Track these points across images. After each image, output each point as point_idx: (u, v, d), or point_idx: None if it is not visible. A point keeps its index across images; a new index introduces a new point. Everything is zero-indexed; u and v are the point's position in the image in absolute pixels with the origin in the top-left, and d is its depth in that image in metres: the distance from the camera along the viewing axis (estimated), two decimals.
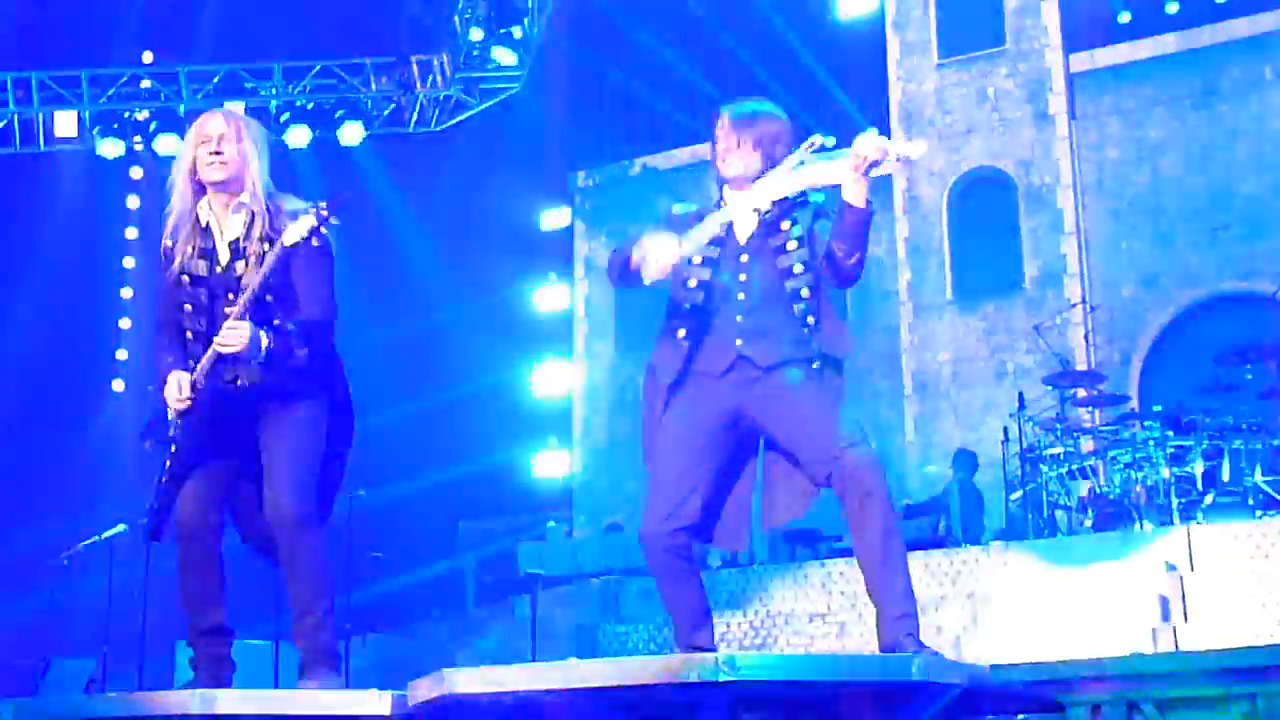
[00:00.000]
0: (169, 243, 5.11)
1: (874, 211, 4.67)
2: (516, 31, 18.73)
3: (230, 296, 4.96)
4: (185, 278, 5.03)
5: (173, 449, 5.04)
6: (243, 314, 4.83)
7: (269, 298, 4.91)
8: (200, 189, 5.10)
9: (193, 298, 5.03)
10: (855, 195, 4.61)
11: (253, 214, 4.99)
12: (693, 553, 4.86)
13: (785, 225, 4.82)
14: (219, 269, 5.01)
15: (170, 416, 5.06)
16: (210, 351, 4.90)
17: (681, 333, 4.83)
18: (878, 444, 4.74)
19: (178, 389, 4.97)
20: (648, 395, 4.93)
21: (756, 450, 4.91)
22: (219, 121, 5.10)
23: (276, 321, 4.91)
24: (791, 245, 4.79)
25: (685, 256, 4.76)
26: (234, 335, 4.81)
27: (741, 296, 4.78)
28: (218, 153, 5.02)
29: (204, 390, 4.96)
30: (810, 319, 4.75)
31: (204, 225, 5.07)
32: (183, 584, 5.17)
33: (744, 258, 4.82)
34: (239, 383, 4.99)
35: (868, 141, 4.57)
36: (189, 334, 5.06)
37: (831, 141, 4.74)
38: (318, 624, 4.96)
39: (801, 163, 4.74)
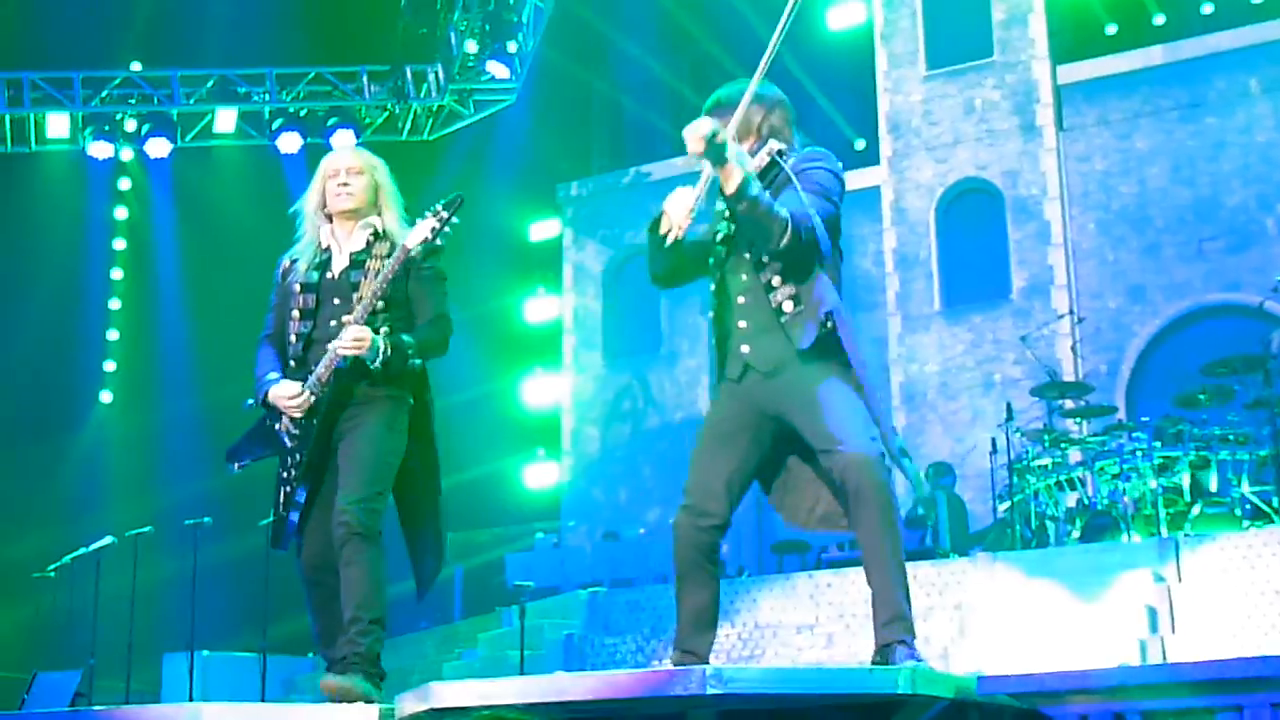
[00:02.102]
0: (288, 263, 5.37)
1: (747, 189, 4.57)
2: (510, 46, 18.74)
3: (336, 302, 5.16)
4: (298, 286, 5.26)
5: (294, 455, 5.14)
6: (361, 317, 5.03)
7: (382, 305, 5.10)
8: (328, 221, 5.37)
9: (302, 303, 5.23)
10: (727, 184, 4.60)
11: (377, 231, 5.25)
12: (718, 556, 4.88)
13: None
14: (331, 276, 5.23)
15: (281, 426, 5.19)
16: (329, 355, 5.06)
17: (714, 341, 4.96)
18: (878, 444, 4.73)
19: (294, 391, 5.12)
20: (712, 404, 5.04)
21: (795, 440, 4.90)
22: (347, 157, 5.41)
23: (389, 330, 5.08)
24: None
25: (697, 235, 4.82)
26: (354, 336, 5.00)
27: (740, 300, 4.82)
28: (345, 184, 5.31)
29: (322, 398, 5.09)
30: (788, 305, 4.75)
31: (324, 246, 5.32)
32: (315, 621, 5.25)
33: (732, 259, 4.88)
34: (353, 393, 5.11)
35: (688, 134, 4.57)
36: (293, 336, 5.25)
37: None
38: (364, 630, 5.01)
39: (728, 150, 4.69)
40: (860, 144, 22.53)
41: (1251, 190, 19.83)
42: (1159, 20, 21.13)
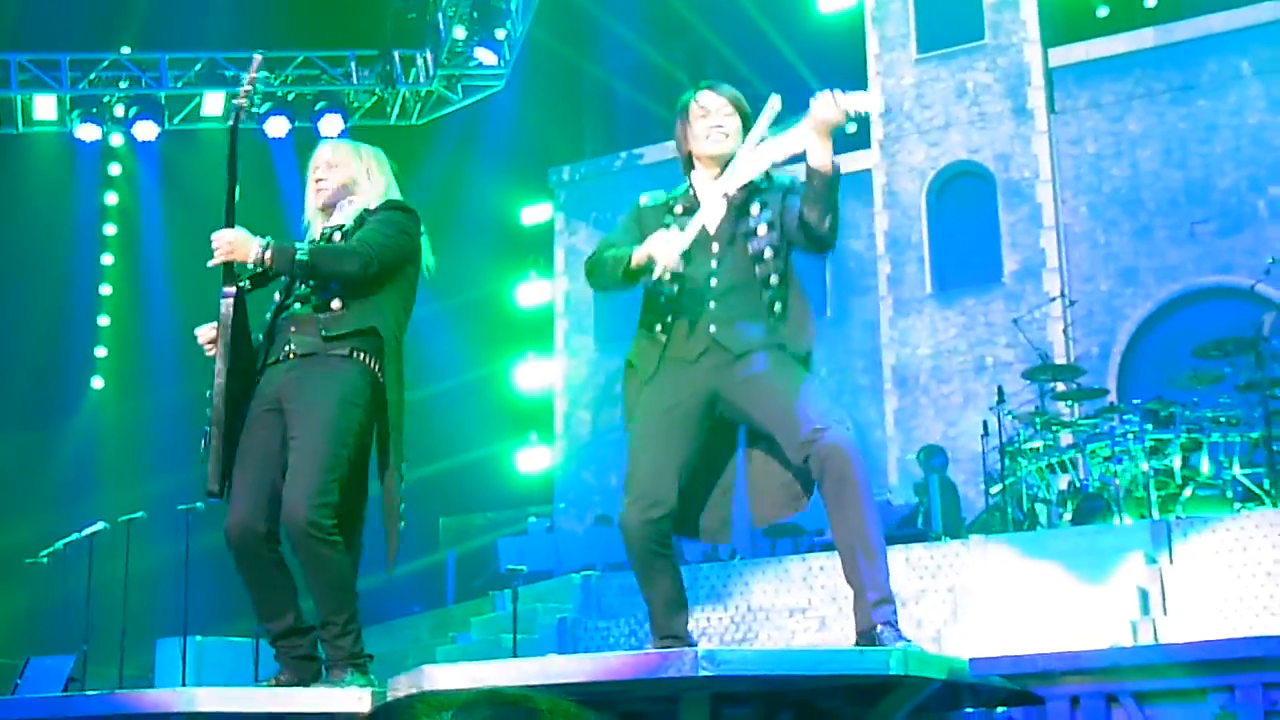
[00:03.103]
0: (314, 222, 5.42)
1: (840, 173, 4.65)
2: (499, 33, 18.71)
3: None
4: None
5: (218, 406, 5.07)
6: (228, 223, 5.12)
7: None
8: (321, 214, 5.39)
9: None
10: (820, 159, 4.60)
11: (366, 210, 5.22)
12: (671, 541, 4.86)
13: (754, 209, 4.82)
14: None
15: (212, 391, 5.10)
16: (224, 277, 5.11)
17: (659, 328, 4.83)
18: (857, 438, 4.71)
19: (208, 334, 5.18)
20: (630, 393, 4.92)
21: (738, 439, 4.91)
22: (324, 151, 5.41)
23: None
24: (761, 229, 4.79)
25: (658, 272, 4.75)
26: (216, 240, 5.12)
27: (714, 283, 4.78)
28: (320, 179, 5.32)
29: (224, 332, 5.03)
30: (777, 306, 4.76)
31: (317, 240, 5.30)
32: (251, 593, 5.03)
33: (715, 246, 4.82)
34: (289, 353, 5.02)
35: (825, 103, 4.57)
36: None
37: (778, 103, 4.74)
38: (340, 633, 4.91)
39: (762, 139, 4.73)
40: (851, 127, 22.44)
41: (1243, 172, 19.85)
42: (1150, 2, 21.15)
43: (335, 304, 5.00)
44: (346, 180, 5.29)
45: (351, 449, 4.91)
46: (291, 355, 5.01)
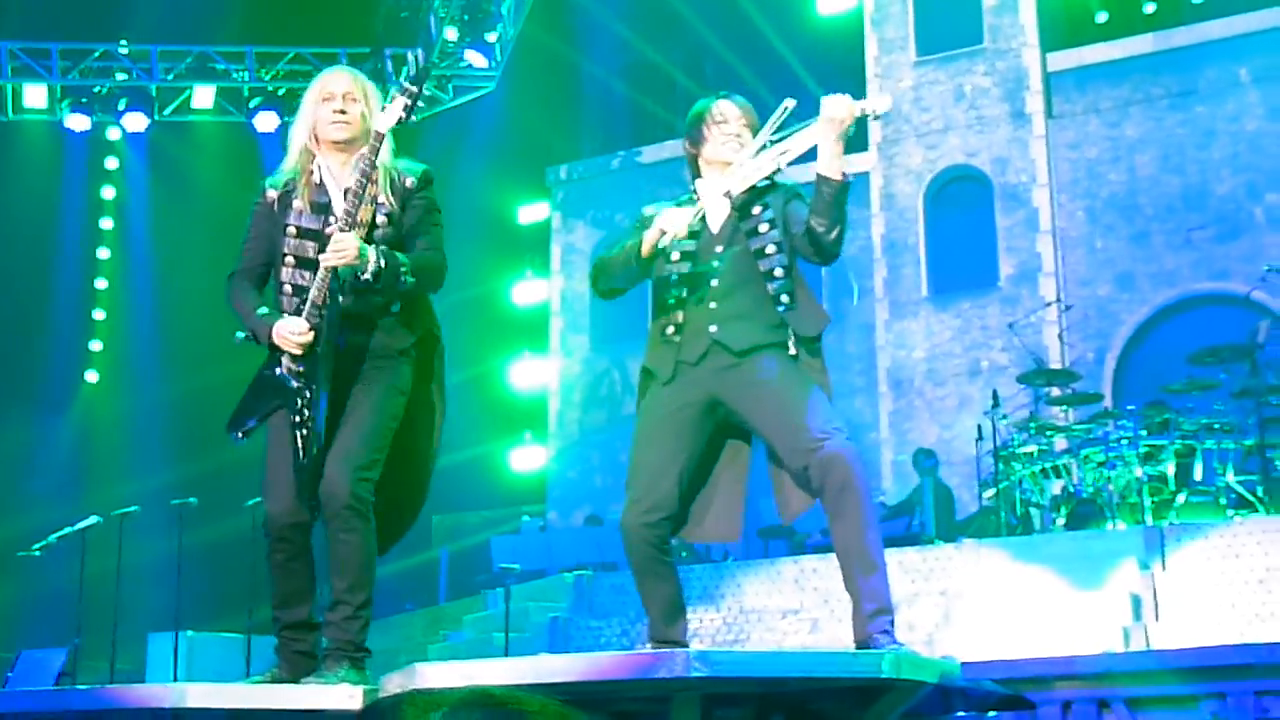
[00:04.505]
0: (273, 194, 5.00)
1: (851, 182, 4.66)
2: (490, 36, 18.72)
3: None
4: (293, 229, 4.93)
5: (303, 395, 4.87)
6: (345, 225, 4.76)
7: (383, 220, 4.85)
8: (316, 148, 5.02)
9: (299, 250, 4.93)
10: (831, 167, 4.60)
11: (370, 164, 4.86)
12: (670, 545, 4.86)
13: (757, 209, 4.83)
14: (332, 219, 4.90)
15: (283, 368, 4.91)
16: (320, 272, 4.79)
17: (671, 330, 4.83)
18: (852, 440, 4.71)
19: (300, 327, 4.82)
20: (648, 398, 4.89)
21: (741, 439, 4.90)
22: (344, 80, 5.04)
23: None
24: (764, 228, 4.80)
25: (667, 247, 4.75)
26: (340, 245, 4.73)
27: (715, 283, 4.78)
28: (342, 111, 4.98)
29: (321, 326, 4.83)
30: (785, 297, 4.76)
31: (319, 181, 4.97)
32: (276, 581, 5.01)
33: (718, 247, 4.82)
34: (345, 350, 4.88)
35: (836, 104, 4.57)
36: (288, 287, 4.94)
37: (792, 104, 4.73)
38: (350, 616, 4.86)
39: (769, 143, 4.73)
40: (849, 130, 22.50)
41: (1241, 179, 19.86)
42: (1149, 8, 21.16)
43: (395, 307, 4.98)
44: (364, 120, 4.98)
45: (395, 432, 4.94)
46: (348, 352, 4.92)
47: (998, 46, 21.45)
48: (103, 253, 21.46)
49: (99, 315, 21.64)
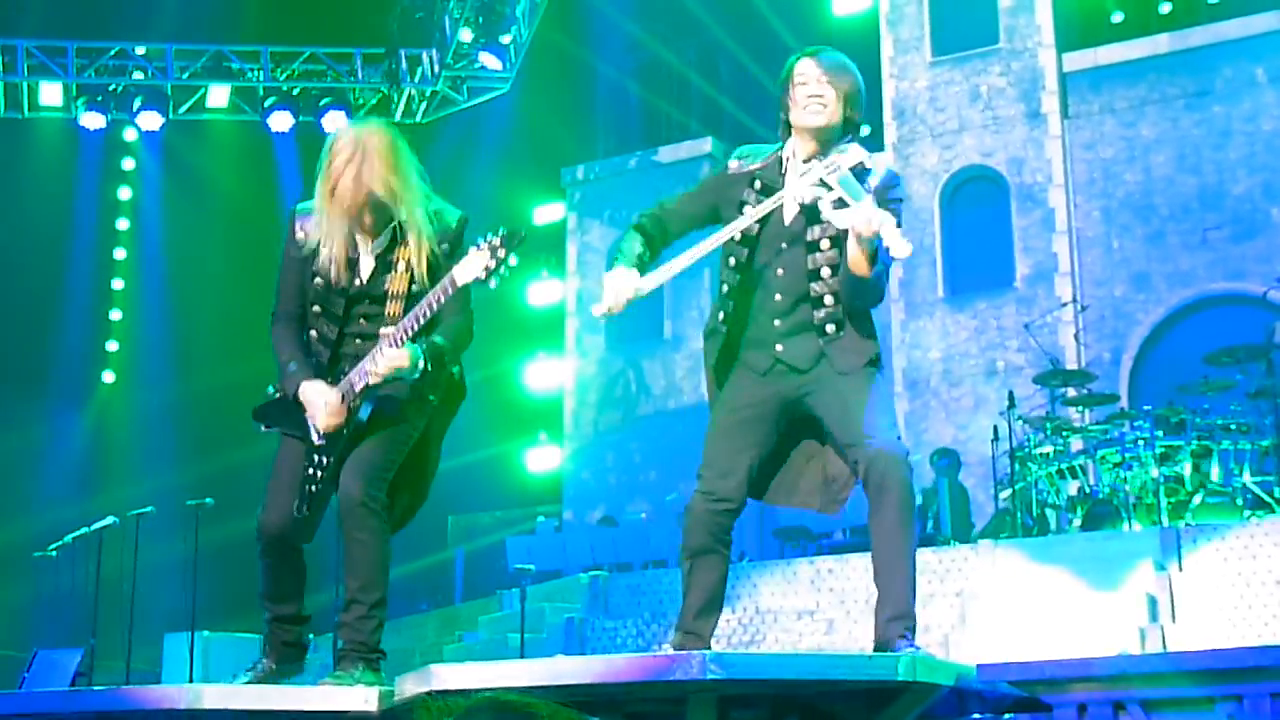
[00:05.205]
0: (303, 234, 4.99)
1: (874, 279, 4.56)
2: (504, 38, 18.74)
3: (368, 303, 4.96)
4: (320, 281, 4.96)
5: (322, 455, 4.99)
6: (402, 339, 4.83)
7: (422, 319, 4.89)
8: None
9: (326, 302, 4.98)
10: (856, 262, 4.51)
11: (401, 225, 4.92)
12: (730, 538, 4.83)
13: (824, 225, 4.65)
14: (359, 281, 4.97)
15: (311, 420, 5.01)
16: (363, 372, 4.88)
17: (721, 316, 4.83)
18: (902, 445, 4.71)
19: (331, 399, 4.92)
20: (706, 373, 4.94)
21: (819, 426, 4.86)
22: (342, 141, 4.94)
23: (427, 336, 4.91)
24: (825, 245, 4.66)
25: (728, 237, 4.72)
26: (398, 361, 4.81)
27: (778, 298, 4.73)
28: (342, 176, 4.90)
29: (353, 406, 4.95)
30: (830, 328, 4.68)
31: (348, 231, 4.96)
32: (265, 580, 5.12)
33: (783, 244, 4.72)
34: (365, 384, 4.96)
35: (863, 223, 4.43)
36: (314, 334, 5.03)
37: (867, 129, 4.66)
38: (364, 616, 4.90)
39: (849, 178, 4.53)
40: (865, 130, 22.46)
41: (1257, 179, 19.80)
42: (1165, 8, 21.12)
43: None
44: (365, 180, 4.87)
45: (409, 437, 5.02)
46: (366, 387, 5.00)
47: (1013, 47, 21.41)
48: (119, 253, 21.52)
49: (116, 316, 21.69)
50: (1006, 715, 5.13)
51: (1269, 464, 12.47)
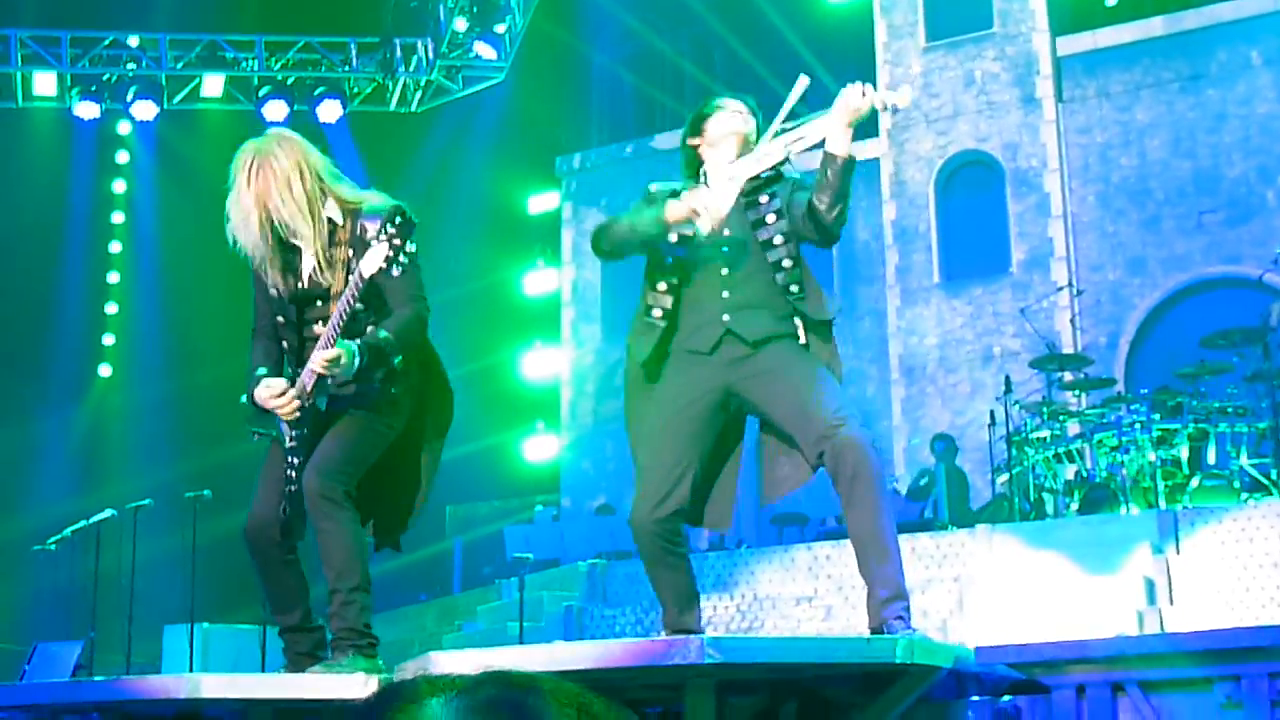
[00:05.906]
0: (255, 254, 5.09)
1: (855, 161, 4.66)
2: (499, 27, 18.72)
3: (319, 303, 5.02)
4: (274, 292, 5.08)
5: (293, 457, 5.05)
6: (332, 336, 4.86)
7: (359, 308, 4.91)
8: None
9: (284, 311, 5.09)
10: (840, 145, 4.62)
11: (333, 225, 4.99)
12: (682, 537, 4.86)
13: (764, 199, 4.82)
14: (302, 284, 5.05)
15: (286, 432, 5.10)
16: (309, 375, 4.94)
17: (658, 313, 4.83)
18: (865, 426, 4.72)
19: (279, 389, 5.00)
20: (629, 378, 4.93)
21: (743, 430, 4.92)
22: (241, 157, 5.10)
23: (370, 329, 4.92)
24: (770, 218, 4.79)
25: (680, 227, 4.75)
26: (324, 360, 4.84)
27: (725, 271, 4.78)
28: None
29: (308, 409, 5.00)
30: (794, 287, 4.75)
31: (284, 239, 5.05)
32: (264, 587, 5.19)
33: (725, 232, 4.80)
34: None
35: (855, 94, 4.58)
36: (285, 344, 5.15)
37: (806, 82, 4.74)
38: (345, 602, 4.94)
39: (781, 130, 4.73)
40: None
41: (1252, 162, 19.80)
42: None
43: (379, 374, 5.07)
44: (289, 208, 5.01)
45: (379, 433, 5.05)
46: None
47: (1007, 31, 21.39)
48: (114, 246, 21.49)
49: (112, 309, 21.67)
50: (1005, 697, 5.14)
51: (1266, 447, 12.48)
